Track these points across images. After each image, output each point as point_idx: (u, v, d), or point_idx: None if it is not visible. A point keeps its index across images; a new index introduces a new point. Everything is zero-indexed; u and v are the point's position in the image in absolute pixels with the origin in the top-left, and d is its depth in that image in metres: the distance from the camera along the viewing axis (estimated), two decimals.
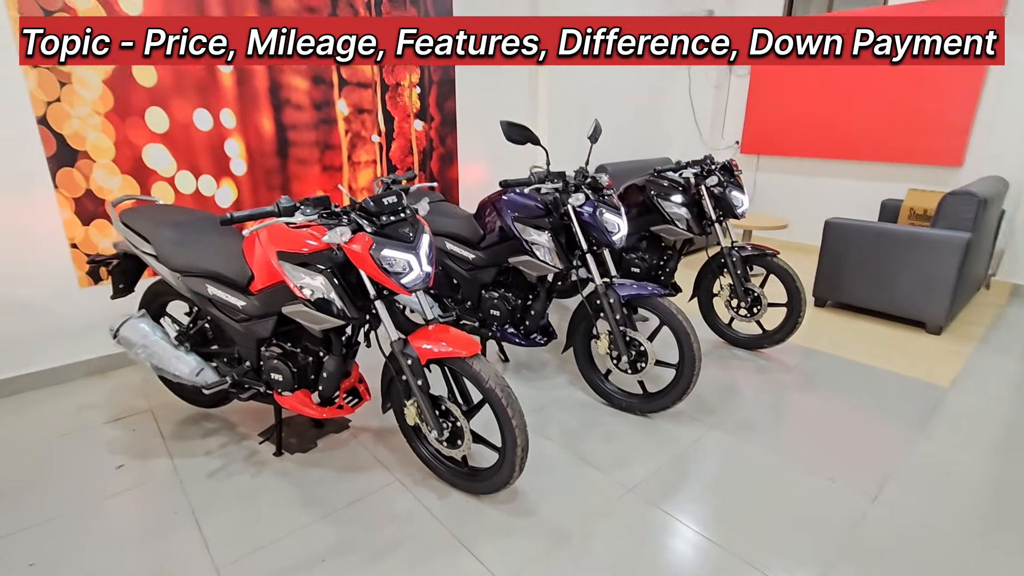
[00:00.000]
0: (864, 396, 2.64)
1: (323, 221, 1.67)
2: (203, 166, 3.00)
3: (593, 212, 2.25)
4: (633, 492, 1.94)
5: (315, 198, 1.64)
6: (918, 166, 4.56)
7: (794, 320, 2.89)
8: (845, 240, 3.56)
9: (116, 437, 2.31)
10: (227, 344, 2.20)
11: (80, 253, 2.73)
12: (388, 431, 2.32)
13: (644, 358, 2.31)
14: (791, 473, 2.06)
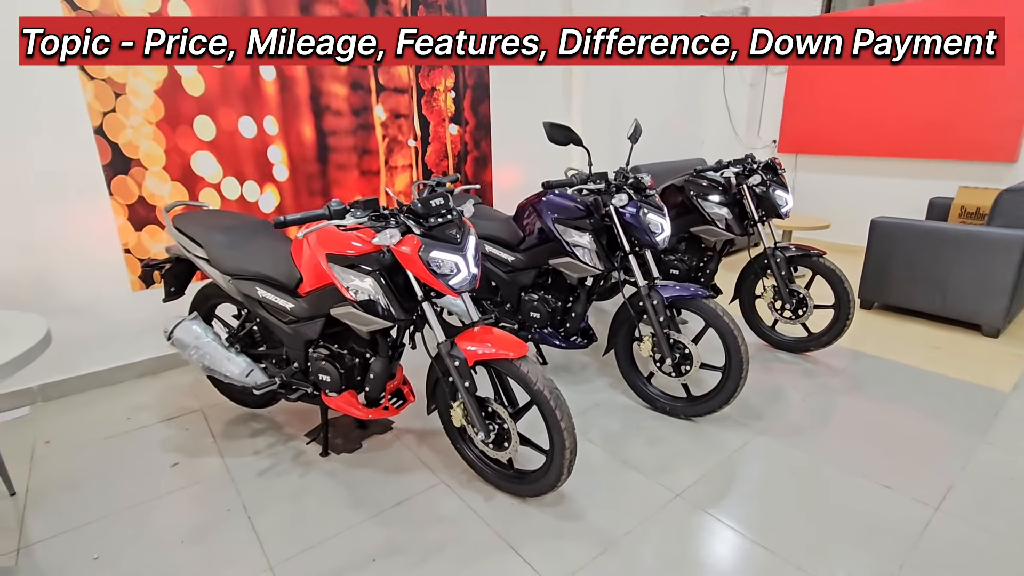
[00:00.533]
0: (917, 400, 2.54)
1: (371, 224, 1.70)
2: (248, 172, 3.08)
3: (636, 212, 2.22)
4: (681, 497, 1.91)
5: (364, 200, 1.66)
6: (968, 163, 4.39)
7: (842, 322, 2.80)
8: (893, 240, 3.44)
9: (169, 436, 2.38)
10: (275, 346, 2.25)
11: (133, 258, 2.83)
12: (431, 433, 2.34)
13: (689, 361, 2.27)
14: (844, 479, 1.99)
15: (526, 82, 4.11)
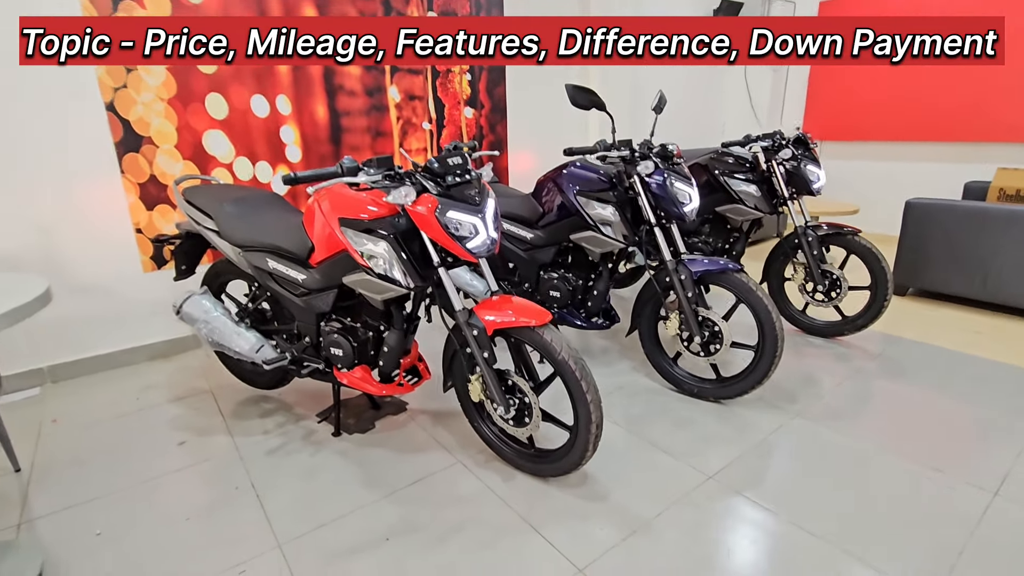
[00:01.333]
0: (963, 384, 2.38)
1: (383, 185, 1.61)
2: (260, 152, 3.02)
3: (663, 182, 2.11)
4: (714, 480, 1.78)
5: (379, 158, 1.57)
6: (1005, 144, 4.20)
7: (879, 304, 2.65)
8: (929, 222, 3.27)
9: (178, 415, 2.32)
10: (286, 321, 2.17)
11: (144, 238, 2.78)
12: (447, 414, 2.24)
13: (719, 339, 2.15)
14: (891, 463, 1.85)
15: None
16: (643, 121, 2.42)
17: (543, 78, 4.04)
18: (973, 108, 4.26)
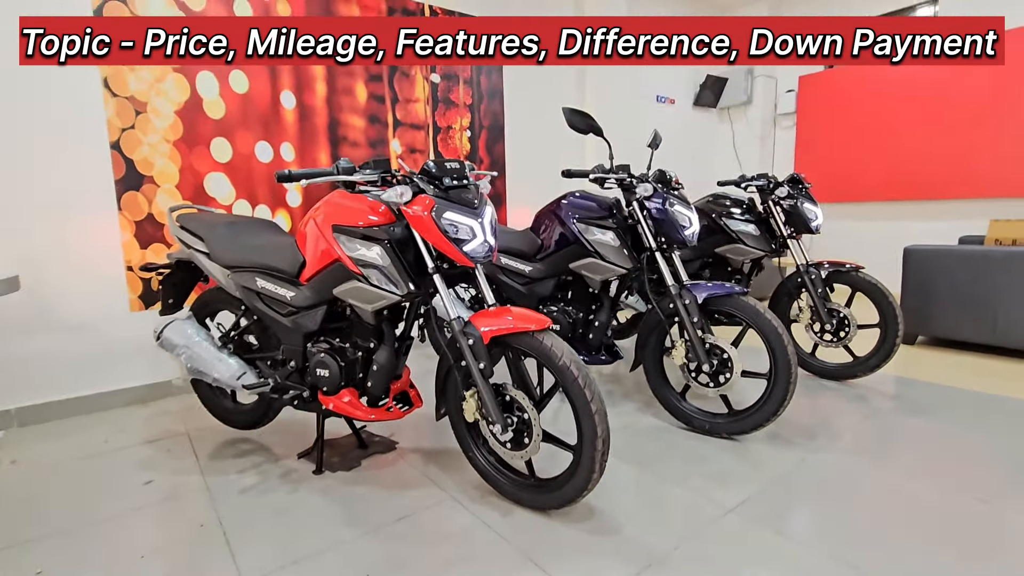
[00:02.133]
0: (992, 421, 2.23)
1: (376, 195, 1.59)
2: (261, 196, 3.04)
3: (663, 205, 2.10)
4: (735, 513, 1.60)
5: (376, 159, 1.56)
6: (995, 200, 4.29)
7: (891, 342, 2.55)
8: (930, 268, 3.25)
9: (148, 456, 2.14)
10: (271, 347, 2.06)
11: (135, 276, 2.72)
12: (440, 451, 2.07)
13: (728, 367, 2.04)
14: (931, 495, 1.68)
15: (540, 126, 4.17)
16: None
17: (540, 136, 4.19)
18: (961, 165, 4.39)
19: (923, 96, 4.56)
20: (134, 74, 2.62)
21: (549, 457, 1.78)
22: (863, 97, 4.90)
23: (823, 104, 5.19)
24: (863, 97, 4.90)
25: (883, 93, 4.79)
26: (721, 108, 5.70)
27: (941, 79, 4.44)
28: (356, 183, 1.63)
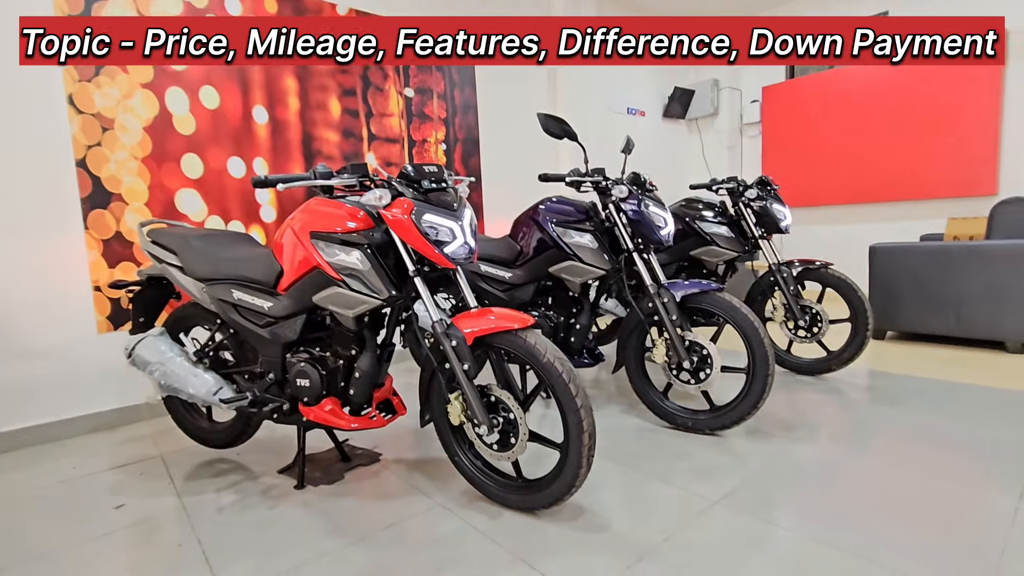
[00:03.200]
0: (961, 408, 2.31)
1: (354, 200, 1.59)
2: (234, 212, 3.00)
3: (638, 206, 2.14)
4: (721, 504, 1.62)
5: (353, 164, 1.55)
6: (952, 199, 4.48)
7: (862, 335, 2.63)
8: (895, 264, 3.37)
9: (120, 481, 2.05)
10: (248, 361, 2.01)
11: (102, 296, 2.64)
12: (425, 461, 2.04)
13: (708, 363, 2.07)
14: (908, 479, 1.72)
15: (515, 141, 4.23)
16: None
17: (516, 148, 4.24)
18: (918, 168, 4.59)
19: (881, 103, 4.77)
20: (100, 90, 2.57)
21: (535, 460, 1.77)
22: (824, 105, 5.10)
23: (786, 113, 5.38)
24: (824, 105, 5.10)
25: (843, 101, 4.99)
26: (690, 119, 5.86)
27: (897, 86, 4.66)
28: (334, 188, 1.62)
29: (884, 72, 4.72)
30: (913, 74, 4.55)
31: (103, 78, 2.57)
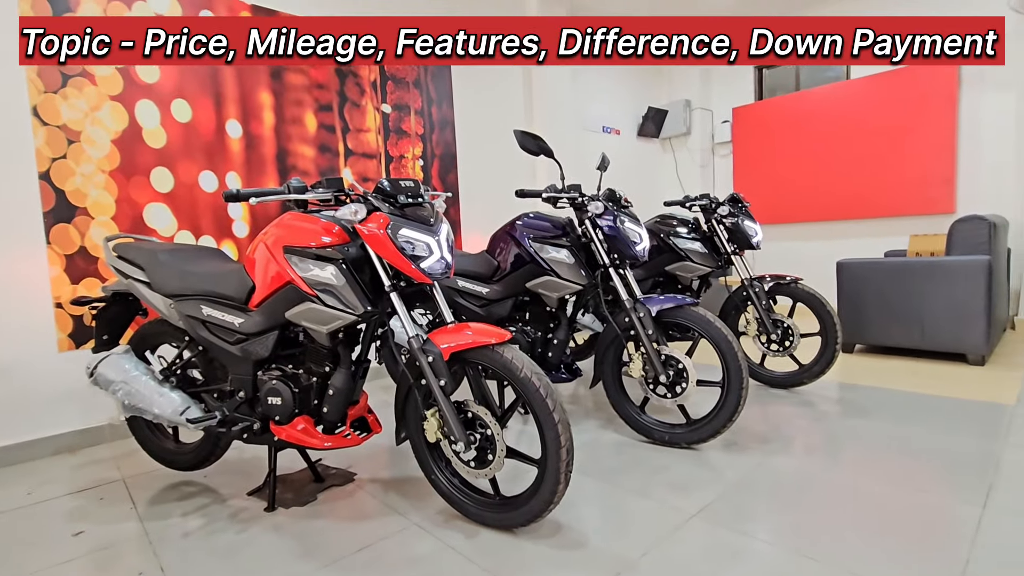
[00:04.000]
0: (926, 418, 2.37)
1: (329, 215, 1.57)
2: (205, 227, 2.94)
3: (614, 222, 2.16)
4: (699, 517, 1.62)
5: (328, 179, 1.54)
6: (914, 217, 4.66)
7: (831, 348, 2.69)
8: (861, 279, 3.47)
9: (79, 506, 1.96)
10: (217, 379, 1.96)
11: (64, 314, 2.55)
12: (401, 480, 2.00)
13: (684, 377, 2.09)
14: (876, 488, 1.75)
15: (492, 151, 4.26)
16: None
17: (493, 165, 4.27)
18: (882, 187, 4.76)
19: (845, 124, 4.96)
20: (67, 102, 2.51)
21: (512, 479, 1.76)
22: (792, 126, 5.28)
23: (756, 133, 5.55)
24: (792, 126, 5.28)
25: (809, 122, 5.17)
26: (663, 138, 5.99)
27: (860, 108, 4.85)
28: (308, 203, 1.60)
29: (847, 94, 4.92)
30: (874, 97, 4.75)
31: (70, 89, 2.52)
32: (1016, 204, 4.16)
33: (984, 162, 4.34)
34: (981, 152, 4.35)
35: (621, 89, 5.61)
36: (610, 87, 5.50)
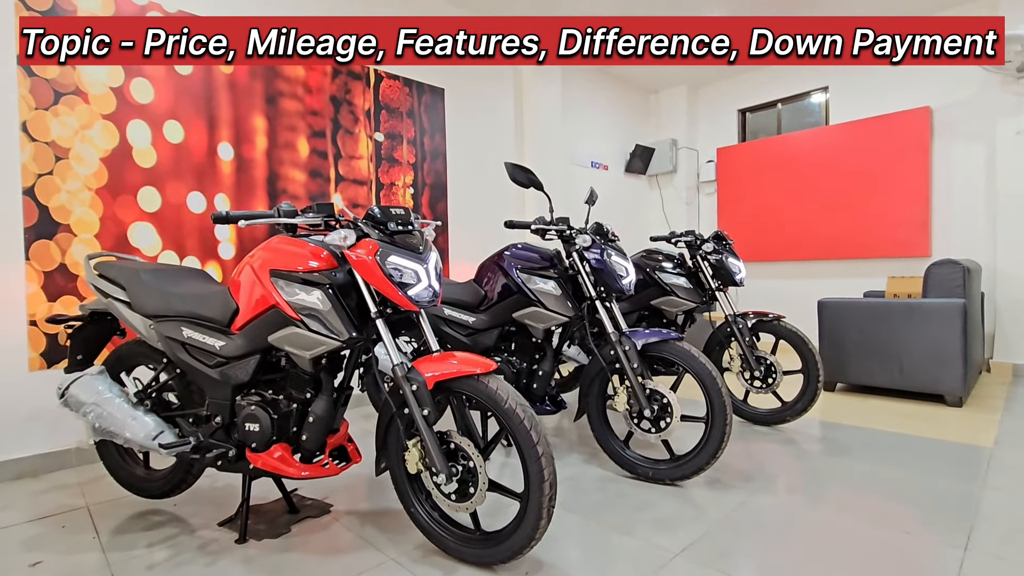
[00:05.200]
0: (907, 459, 2.38)
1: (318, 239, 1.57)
2: (190, 247, 2.91)
3: (601, 255, 2.19)
4: (682, 556, 1.59)
5: (319, 204, 1.55)
6: (891, 259, 4.78)
7: (813, 386, 2.71)
8: (842, 318, 3.53)
9: (38, 535, 1.87)
10: (194, 404, 1.91)
11: (38, 331, 2.48)
12: (378, 513, 1.95)
13: (668, 412, 2.08)
14: (861, 529, 1.74)
15: (482, 182, 4.31)
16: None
17: (482, 195, 4.32)
18: (861, 229, 4.90)
19: (824, 168, 5.12)
20: (58, 119, 2.51)
21: (493, 513, 1.72)
22: (774, 168, 5.44)
23: (739, 173, 5.70)
24: (774, 168, 5.44)
25: (791, 164, 5.33)
26: (650, 175, 6.13)
27: (838, 153, 5.02)
28: (297, 227, 1.60)
29: (827, 139, 5.10)
30: (852, 142, 4.93)
31: (62, 107, 2.51)
32: (987, 249, 4.29)
33: (956, 208, 4.49)
34: (953, 198, 4.51)
35: (610, 126, 5.76)
36: (600, 124, 5.64)
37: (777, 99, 5.58)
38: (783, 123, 5.63)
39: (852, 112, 4.99)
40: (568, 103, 5.07)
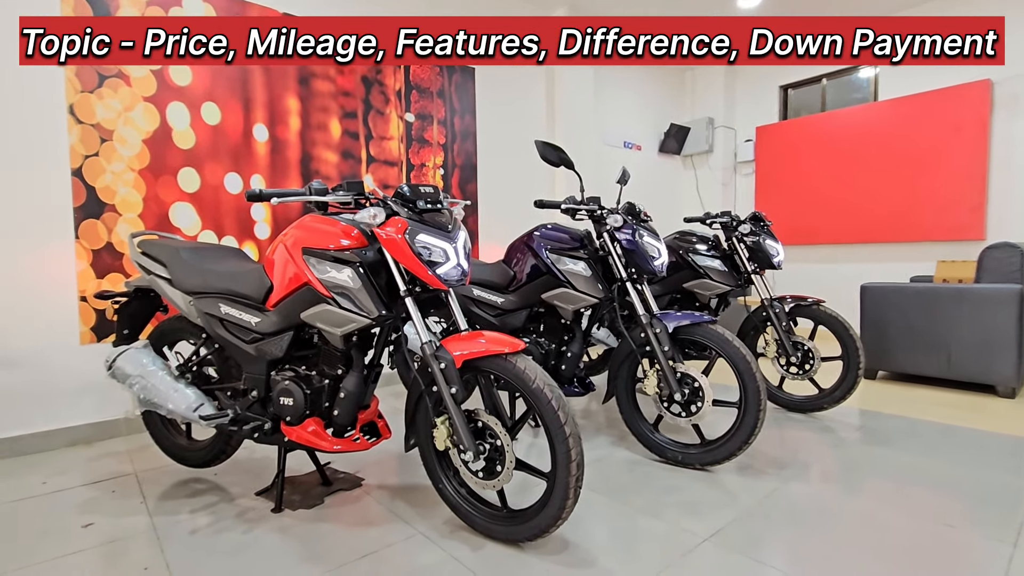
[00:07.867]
0: (952, 450, 2.28)
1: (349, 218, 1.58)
2: (228, 227, 2.99)
3: (632, 236, 2.14)
4: (711, 541, 1.57)
5: (349, 181, 1.55)
6: (941, 243, 4.54)
7: (853, 373, 2.62)
8: (886, 304, 3.39)
9: (91, 498, 1.98)
10: (232, 378, 1.97)
11: (88, 307, 2.60)
12: (408, 488, 1.99)
13: (699, 396, 2.04)
14: (898, 520, 1.69)
15: (512, 163, 4.27)
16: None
17: (512, 176, 4.28)
18: (910, 211, 4.66)
19: (871, 146, 4.88)
20: (102, 101, 2.59)
21: (520, 492, 1.73)
22: (816, 146, 5.21)
23: (779, 153, 5.49)
24: (816, 146, 5.21)
25: (834, 143, 5.10)
26: (685, 155, 5.96)
27: (887, 131, 4.77)
28: (328, 205, 1.61)
29: (875, 116, 4.85)
30: (902, 119, 4.67)
31: (106, 89, 2.59)
32: None
33: (1016, 188, 4.22)
34: (1013, 178, 4.23)
35: (644, 105, 5.61)
36: (632, 103, 5.50)
37: (822, 74, 5.32)
38: (828, 100, 5.37)
39: (904, 87, 4.72)
40: (600, 82, 4.95)
